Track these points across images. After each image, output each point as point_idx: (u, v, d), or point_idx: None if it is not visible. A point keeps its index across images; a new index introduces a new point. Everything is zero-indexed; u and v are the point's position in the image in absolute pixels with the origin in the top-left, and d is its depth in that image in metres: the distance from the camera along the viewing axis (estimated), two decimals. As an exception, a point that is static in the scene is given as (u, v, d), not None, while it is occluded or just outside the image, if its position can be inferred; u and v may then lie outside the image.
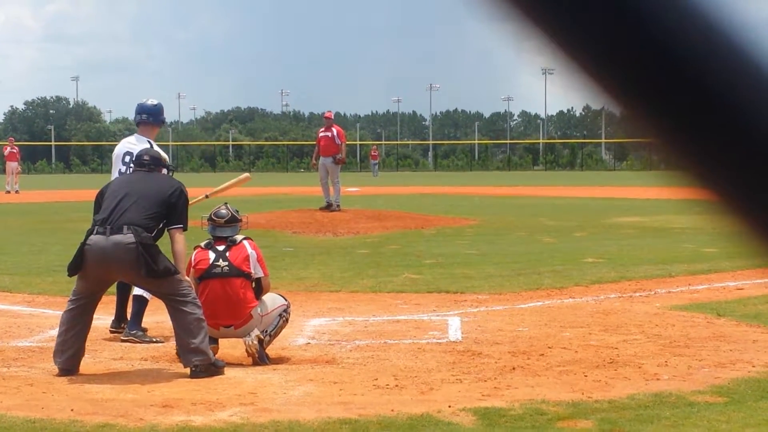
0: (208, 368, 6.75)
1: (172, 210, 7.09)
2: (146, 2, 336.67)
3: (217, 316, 7.18)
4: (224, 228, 7.53)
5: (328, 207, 21.76)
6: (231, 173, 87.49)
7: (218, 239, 7.47)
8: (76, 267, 6.92)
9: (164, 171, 7.72)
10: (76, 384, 6.54)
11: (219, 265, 7.29)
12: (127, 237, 6.80)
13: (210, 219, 7.63)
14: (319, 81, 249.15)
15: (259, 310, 7.29)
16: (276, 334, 7.36)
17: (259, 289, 7.44)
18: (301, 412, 5.70)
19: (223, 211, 7.63)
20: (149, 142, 8.60)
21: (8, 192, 39.63)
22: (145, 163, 7.49)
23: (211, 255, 7.35)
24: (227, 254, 7.33)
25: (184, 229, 7.16)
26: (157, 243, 6.98)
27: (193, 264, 7.34)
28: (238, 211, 7.78)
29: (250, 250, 7.39)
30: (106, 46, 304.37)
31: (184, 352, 6.80)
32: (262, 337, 7.20)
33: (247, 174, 9.50)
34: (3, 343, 8.05)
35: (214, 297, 7.23)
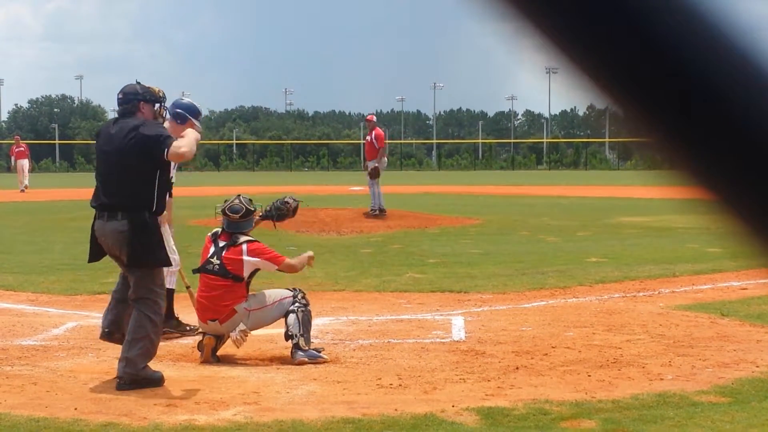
0: (134, 381, 6.40)
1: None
2: (147, 0, 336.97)
3: (205, 309, 7.37)
4: (239, 223, 7.55)
5: (374, 212, 21.27)
6: (235, 172, 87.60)
7: (225, 232, 7.53)
8: None
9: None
10: (79, 383, 6.54)
11: (212, 262, 7.42)
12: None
13: (224, 213, 7.62)
14: (323, 80, 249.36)
15: (245, 305, 7.33)
16: (307, 330, 7.27)
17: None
18: (304, 411, 5.70)
19: (237, 206, 7.60)
20: None
21: (23, 190, 39.16)
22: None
23: (211, 249, 7.48)
24: (223, 253, 7.39)
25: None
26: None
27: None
28: (251, 201, 7.76)
29: (245, 256, 7.40)
30: (108, 45, 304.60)
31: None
32: (248, 332, 7.28)
33: None
34: (7, 341, 8.05)
35: (202, 292, 7.42)
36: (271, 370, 6.91)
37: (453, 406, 5.73)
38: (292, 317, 7.27)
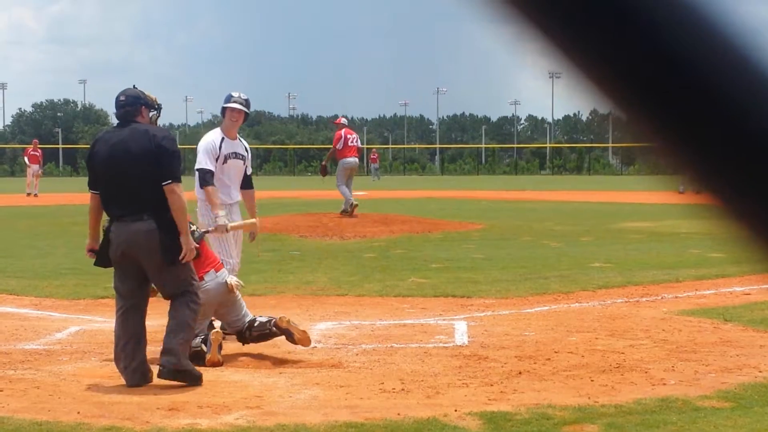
0: (175, 371, 6.49)
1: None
2: (149, 4, 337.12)
3: None
4: None
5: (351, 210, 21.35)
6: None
7: None
8: None
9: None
10: (82, 387, 6.55)
11: None
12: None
13: None
14: (327, 84, 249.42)
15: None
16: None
17: None
18: (307, 415, 5.71)
19: None
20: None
21: (29, 194, 39.37)
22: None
23: None
24: None
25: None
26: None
27: None
28: None
29: None
30: (110, 48, 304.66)
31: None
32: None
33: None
34: (10, 345, 8.06)
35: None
36: (273, 375, 6.91)
37: (456, 411, 5.73)
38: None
